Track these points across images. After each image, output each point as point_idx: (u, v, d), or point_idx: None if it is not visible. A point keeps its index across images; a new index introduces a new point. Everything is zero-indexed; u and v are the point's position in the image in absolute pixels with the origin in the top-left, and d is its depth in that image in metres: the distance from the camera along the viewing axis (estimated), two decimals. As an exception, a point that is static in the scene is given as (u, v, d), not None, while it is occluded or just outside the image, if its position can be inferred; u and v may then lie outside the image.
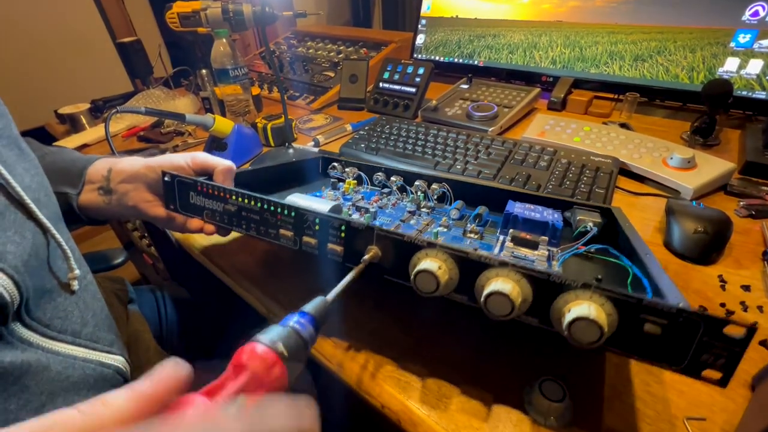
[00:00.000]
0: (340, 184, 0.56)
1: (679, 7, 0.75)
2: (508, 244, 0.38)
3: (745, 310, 0.39)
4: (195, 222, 0.43)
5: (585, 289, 0.25)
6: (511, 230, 0.40)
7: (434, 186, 0.51)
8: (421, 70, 0.89)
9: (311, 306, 0.26)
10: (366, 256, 0.32)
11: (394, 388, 0.34)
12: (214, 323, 0.69)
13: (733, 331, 0.22)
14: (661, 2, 0.77)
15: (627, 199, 0.57)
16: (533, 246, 0.38)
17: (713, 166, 0.56)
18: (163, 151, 0.78)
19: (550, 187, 0.57)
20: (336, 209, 0.38)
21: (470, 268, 0.29)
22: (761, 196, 0.54)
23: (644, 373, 0.33)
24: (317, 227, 0.35)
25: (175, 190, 0.43)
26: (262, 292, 0.45)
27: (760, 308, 0.39)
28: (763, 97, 0.69)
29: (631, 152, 0.62)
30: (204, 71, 0.95)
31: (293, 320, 0.24)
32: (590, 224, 0.41)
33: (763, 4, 0.66)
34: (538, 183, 0.58)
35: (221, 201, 0.40)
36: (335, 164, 0.57)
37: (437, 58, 1.06)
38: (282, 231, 0.37)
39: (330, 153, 0.73)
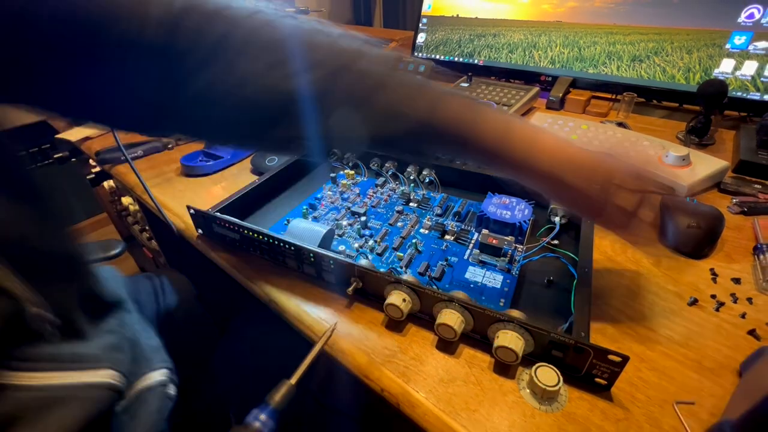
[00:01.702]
0: (340, 175, 0.63)
1: (677, 9, 0.76)
2: (476, 251, 0.46)
3: (735, 301, 0.40)
4: None
5: (509, 322, 0.33)
6: (481, 233, 0.46)
7: (424, 172, 0.58)
8: (421, 68, 0.90)
9: (277, 398, 0.31)
10: (349, 288, 0.40)
11: (393, 372, 0.34)
12: (215, 311, 0.69)
13: (614, 357, 0.30)
14: (659, 4, 0.78)
15: (623, 195, 0.58)
16: (497, 253, 0.45)
17: (707, 164, 0.58)
18: (165, 144, 0.78)
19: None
20: (330, 234, 0.46)
21: (427, 298, 0.36)
22: (754, 194, 0.55)
23: (637, 360, 0.34)
24: (312, 259, 0.42)
25: (200, 220, 0.50)
26: (264, 281, 0.45)
27: (749, 300, 0.40)
28: (757, 98, 0.70)
29: (627, 149, 0.63)
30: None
31: (259, 419, 0.30)
32: (557, 218, 0.48)
33: (759, 6, 0.68)
34: (535, 179, 0.59)
35: (236, 233, 0.46)
36: (335, 149, 0.64)
37: (438, 56, 1.07)
38: (288, 260, 0.45)
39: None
